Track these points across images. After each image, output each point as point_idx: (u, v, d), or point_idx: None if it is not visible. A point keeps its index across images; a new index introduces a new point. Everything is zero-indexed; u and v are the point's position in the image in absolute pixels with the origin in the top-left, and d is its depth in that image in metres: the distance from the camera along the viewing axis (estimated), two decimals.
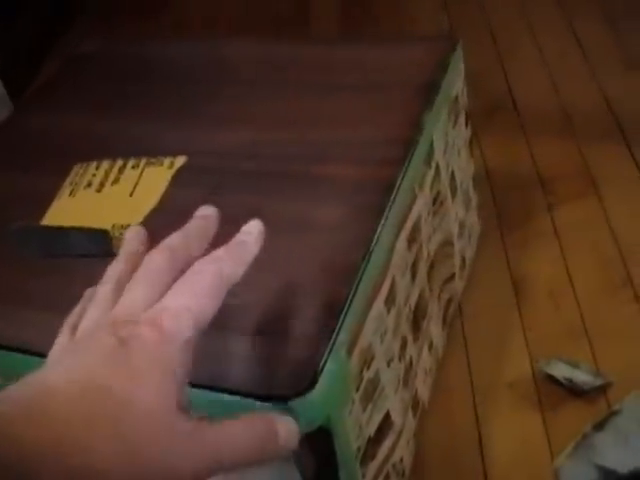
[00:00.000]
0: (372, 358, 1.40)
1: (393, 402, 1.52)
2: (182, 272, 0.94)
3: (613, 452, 1.71)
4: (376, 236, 1.40)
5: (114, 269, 1.02)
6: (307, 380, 1.21)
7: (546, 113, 2.63)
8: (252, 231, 1.02)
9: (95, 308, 0.97)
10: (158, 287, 0.92)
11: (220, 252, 0.97)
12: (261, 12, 3.51)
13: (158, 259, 0.95)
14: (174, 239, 0.98)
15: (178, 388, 0.85)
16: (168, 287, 0.92)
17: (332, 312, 1.29)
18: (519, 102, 2.69)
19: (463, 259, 1.99)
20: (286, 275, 1.38)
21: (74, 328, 0.98)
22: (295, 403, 1.20)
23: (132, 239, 1.06)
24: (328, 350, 1.24)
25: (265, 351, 1.27)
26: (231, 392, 1.23)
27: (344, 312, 1.29)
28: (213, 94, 1.81)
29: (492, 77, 2.81)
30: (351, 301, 1.31)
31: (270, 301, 1.34)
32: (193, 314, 0.89)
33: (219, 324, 1.31)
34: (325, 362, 1.23)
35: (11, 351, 1.36)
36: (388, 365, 1.48)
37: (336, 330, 1.27)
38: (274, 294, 1.35)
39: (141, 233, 1.07)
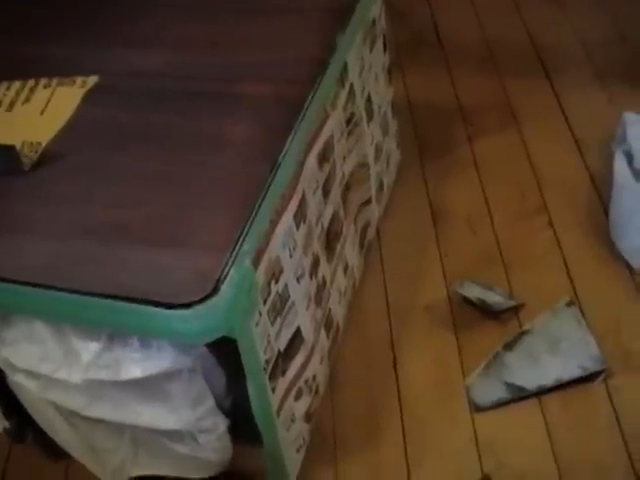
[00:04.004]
0: (280, 271, 1.41)
1: (304, 318, 1.53)
2: None
3: (522, 370, 1.75)
4: (284, 150, 1.41)
5: None
6: (209, 287, 1.22)
7: (470, 47, 2.64)
8: None
9: None
10: None
11: None
12: None
13: None
14: None
15: None
16: None
17: (237, 222, 1.30)
18: (443, 36, 2.70)
19: (381, 184, 2.01)
20: (194, 188, 1.38)
21: None
22: (197, 310, 1.21)
23: None
24: (232, 258, 1.25)
25: (170, 260, 1.27)
26: (135, 301, 1.23)
27: (249, 222, 1.30)
28: (130, 16, 1.79)
29: (418, 11, 2.81)
30: (257, 212, 1.31)
31: (178, 213, 1.34)
32: None
33: (124, 235, 1.33)
34: (228, 270, 1.24)
35: None
36: (298, 281, 1.49)
37: (240, 239, 1.27)
38: (182, 206, 1.35)
39: None
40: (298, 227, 1.47)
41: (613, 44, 2.55)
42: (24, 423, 1.64)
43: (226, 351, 1.34)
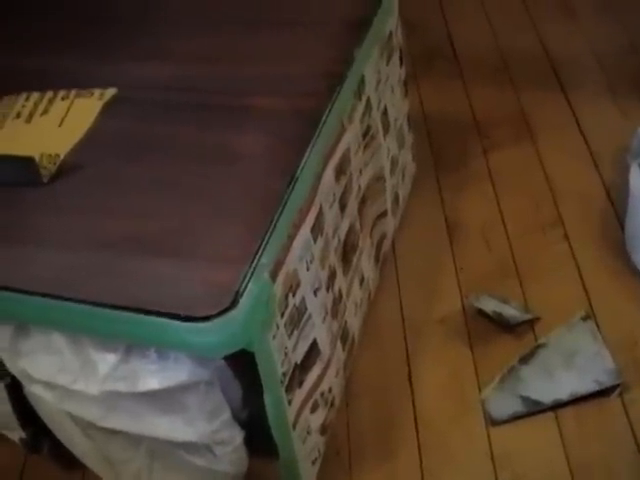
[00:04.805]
0: (298, 284, 1.41)
1: (320, 331, 1.54)
2: None
3: (538, 384, 1.75)
4: (302, 164, 1.41)
5: None
6: (228, 300, 1.22)
7: (484, 59, 2.64)
8: None
9: None
10: None
11: None
12: None
13: None
14: None
15: None
16: None
17: (255, 235, 1.30)
18: (458, 49, 2.70)
19: (396, 197, 2.01)
20: (211, 201, 1.39)
21: None
22: (216, 323, 1.21)
23: None
24: (250, 272, 1.26)
25: (187, 272, 1.28)
26: (152, 313, 1.24)
27: (267, 236, 1.30)
28: (143, 29, 1.80)
29: (433, 24, 2.82)
30: (275, 226, 1.32)
31: (194, 225, 1.35)
32: None
33: (141, 247, 1.34)
34: (247, 283, 1.24)
35: None
36: (315, 294, 1.50)
37: (258, 253, 1.28)
38: (199, 219, 1.36)
39: None
40: (315, 240, 1.48)
41: (626, 55, 2.55)
42: (40, 434, 1.64)
43: (243, 363, 1.34)
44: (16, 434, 1.67)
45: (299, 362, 1.46)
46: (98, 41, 1.81)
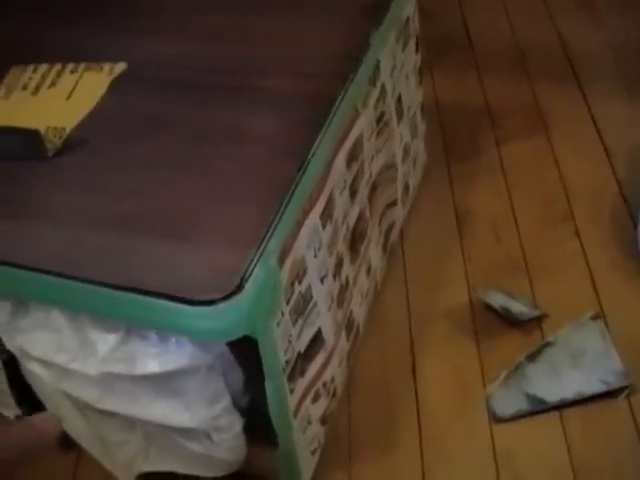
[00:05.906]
0: (304, 271, 1.38)
1: (325, 320, 1.50)
2: None
3: (544, 382, 1.72)
4: (314, 148, 1.38)
5: None
6: (233, 285, 1.19)
7: (500, 50, 2.61)
8: None
9: None
10: None
11: None
12: None
13: None
14: None
15: None
16: None
17: (264, 220, 1.27)
18: (474, 38, 2.67)
19: (407, 186, 1.98)
20: (221, 182, 1.36)
21: None
22: (220, 307, 1.18)
23: None
24: (257, 257, 1.23)
25: (192, 255, 1.25)
26: (157, 295, 1.21)
27: (275, 221, 1.27)
28: (157, 5, 1.77)
29: (449, 13, 2.78)
30: (284, 211, 1.29)
31: (201, 207, 1.32)
32: None
33: (147, 228, 1.31)
34: (253, 268, 1.21)
35: None
36: (321, 281, 1.46)
37: (266, 238, 1.25)
38: (206, 200, 1.33)
39: None
40: (324, 227, 1.45)
41: None
42: (36, 412, 1.62)
43: (245, 350, 1.31)
44: (12, 411, 1.64)
45: (302, 351, 1.43)
46: (111, 14, 1.78)
